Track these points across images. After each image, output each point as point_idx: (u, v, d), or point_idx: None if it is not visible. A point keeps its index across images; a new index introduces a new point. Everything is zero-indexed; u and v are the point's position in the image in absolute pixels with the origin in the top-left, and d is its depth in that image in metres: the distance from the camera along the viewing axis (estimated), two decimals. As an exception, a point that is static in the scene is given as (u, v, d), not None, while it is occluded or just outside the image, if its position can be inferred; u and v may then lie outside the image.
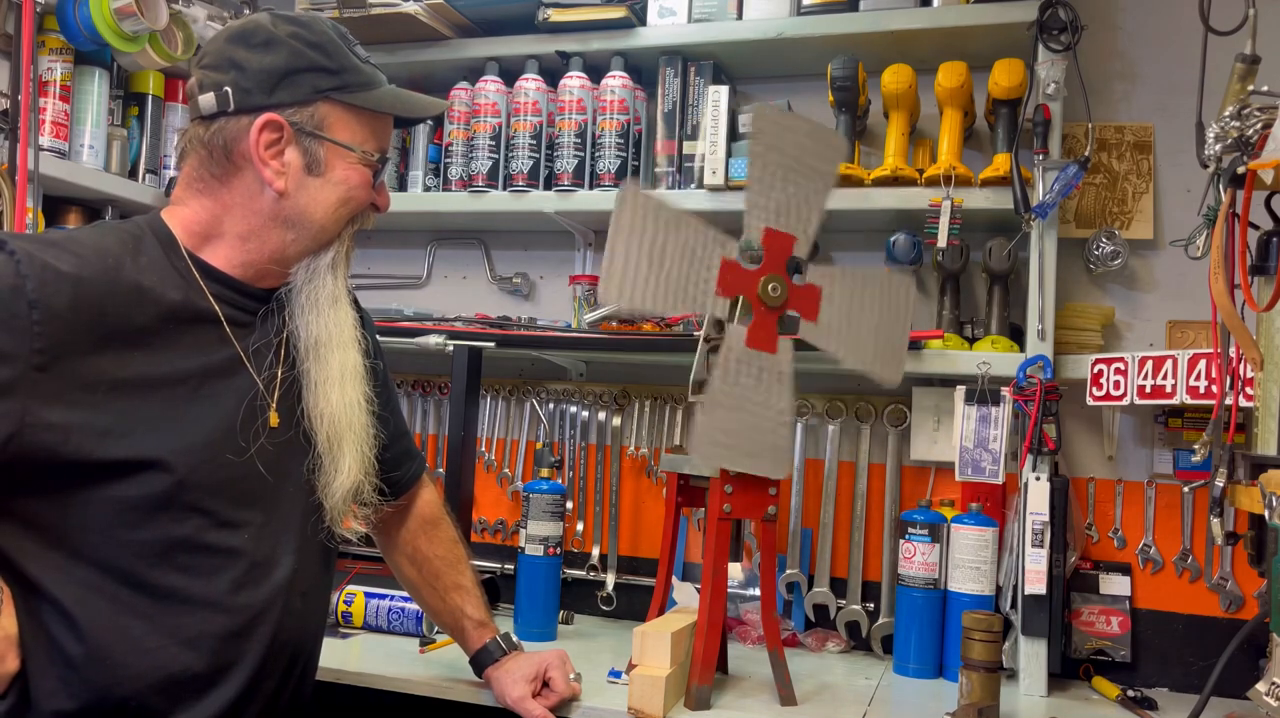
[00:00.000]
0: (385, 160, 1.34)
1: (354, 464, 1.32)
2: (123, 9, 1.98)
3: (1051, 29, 1.88)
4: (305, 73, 1.25)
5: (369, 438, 1.35)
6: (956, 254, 2.04)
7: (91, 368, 1.12)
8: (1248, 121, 1.30)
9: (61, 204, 2.16)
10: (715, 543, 1.61)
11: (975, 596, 1.89)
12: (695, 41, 2.18)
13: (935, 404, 2.09)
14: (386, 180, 1.38)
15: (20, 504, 1.13)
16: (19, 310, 1.07)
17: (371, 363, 1.39)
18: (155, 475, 1.15)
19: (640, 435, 2.33)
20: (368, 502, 1.37)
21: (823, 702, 1.68)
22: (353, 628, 1.98)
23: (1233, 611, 1.92)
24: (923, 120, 2.14)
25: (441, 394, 2.48)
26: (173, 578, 1.17)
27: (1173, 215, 2.04)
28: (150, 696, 1.17)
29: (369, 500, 1.37)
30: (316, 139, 1.26)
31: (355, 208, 1.31)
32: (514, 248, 2.49)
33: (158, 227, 1.25)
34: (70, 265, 1.12)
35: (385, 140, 1.34)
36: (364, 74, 1.30)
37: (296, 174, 1.26)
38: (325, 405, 1.30)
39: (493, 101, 2.29)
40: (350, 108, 1.28)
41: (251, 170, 1.25)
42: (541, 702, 1.53)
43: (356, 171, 1.29)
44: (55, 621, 1.14)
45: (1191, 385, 1.65)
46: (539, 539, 2.02)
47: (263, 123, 1.23)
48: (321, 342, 1.30)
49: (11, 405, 1.07)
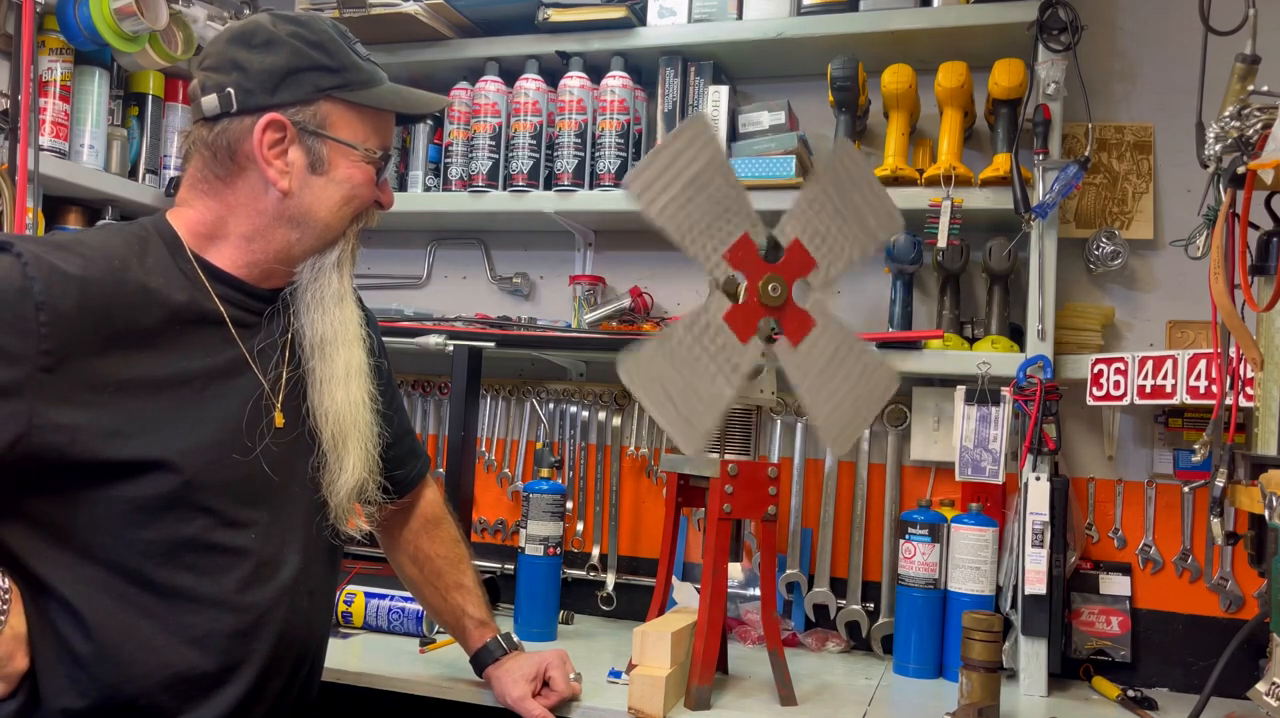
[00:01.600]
0: (388, 158, 1.34)
1: (359, 462, 1.32)
2: (123, 9, 1.98)
3: (1051, 29, 1.88)
4: (307, 72, 1.25)
5: (373, 436, 1.35)
6: (956, 254, 2.04)
7: (98, 369, 1.12)
8: (1248, 121, 1.30)
9: (61, 204, 2.16)
10: (715, 543, 1.61)
11: (975, 596, 1.89)
12: (695, 41, 2.18)
13: (935, 404, 2.09)
14: (389, 179, 1.38)
15: (29, 504, 1.13)
16: (26, 312, 1.08)
17: (376, 361, 1.40)
18: (162, 476, 1.15)
19: (640, 435, 2.33)
20: (372, 500, 1.37)
21: (823, 702, 1.68)
22: (353, 628, 1.98)
23: (1233, 611, 1.93)
24: (923, 120, 2.14)
25: (441, 394, 2.48)
26: (180, 577, 1.18)
27: (1173, 215, 2.04)
28: (158, 694, 1.17)
29: (373, 499, 1.37)
30: (320, 138, 1.26)
31: (359, 206, 1.32)
32: (514, 248, 2.49)
33: (163, 228, 1.26)
34: (77, 267, 1.12)
35: (387, 138, 1.34)
36: (365, 72, 1.30)
37: (300, 173, 1.26)
38: (330, 404, 1.30)
39: (493, 102, 2.29)
40: (352, 106, 1.29)
41: (255, 170, 1.25)
42: (541, 702, 1.53)
43: (360, 169, 1.30)
44: (64, 619, 1.14)
45: (1191, 385, 1.65)
46: (539, 539, 2.02)
47: (266, 123, 1.23)
48: (327, 340, 1.30)
49: (19, 406, 1.07)
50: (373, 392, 1.35)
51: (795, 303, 1.53)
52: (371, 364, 1.37)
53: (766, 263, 1.51)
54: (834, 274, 1.55)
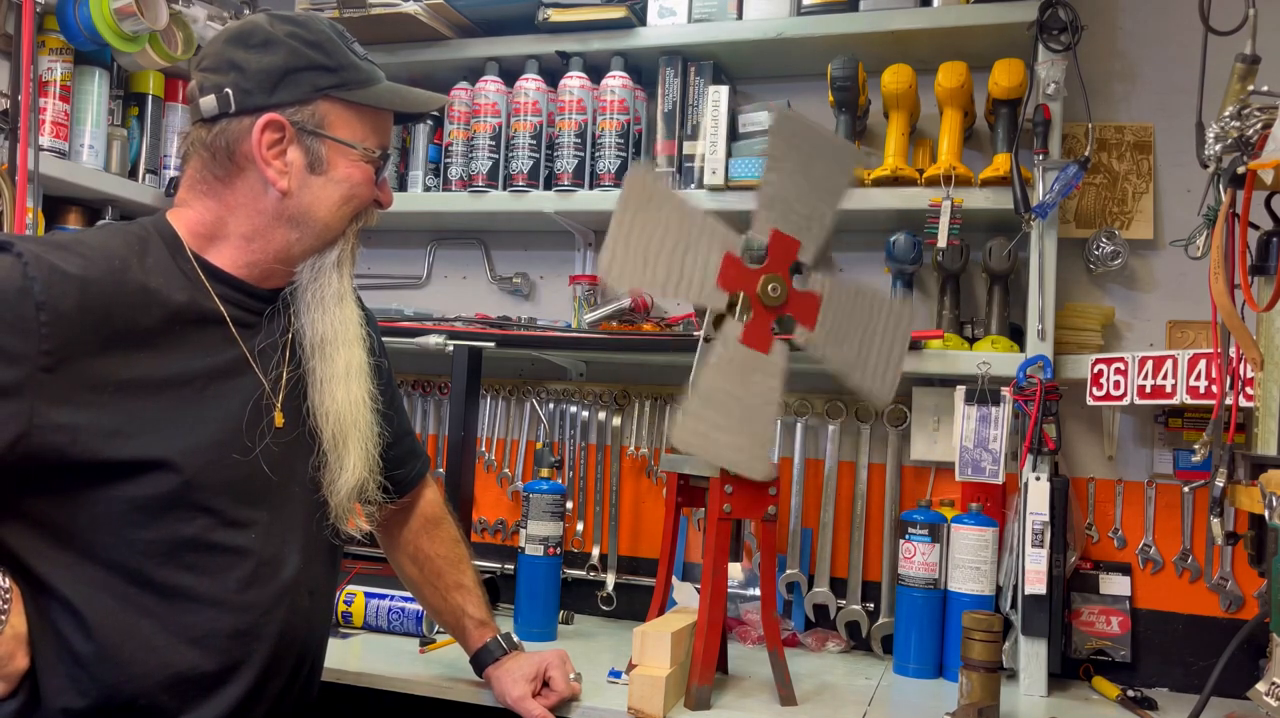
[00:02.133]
0: (387, 157, 1.34)
1: (359, 462, 1.32)
2: (123, 9, 1.98)
3: (1051, 29, 1.88)
4: (305, 71, 1.25)
5: (373, 435, 1.35)
6: (956, 254, 2.04)
7: (98, 369, 1.12)
8: (1248, 121, 1.30)
9: (61, 204, 2.16)
10: (715, 543, 1.61)
11: (975, 596, 1.89)
12: (695, 41, 2.18)
13: (935, 404, 2.09)
14: (388, 179, 1.38)
15: (30, 504, 1.13)
16: (26, 312, 1.08)
17: (376, 361, 1.40)
18: (163, 475, 1.15)
19: (640, 435, 2.33)
20: (372, 499, 1.37)
21: (823, 702, 1.68)
22: (353, 628, 1.98)
23: (1233, 611, 1.93)
24: (923, 120, 2.13)
25: (441, 394, 2.48)
26: (180, 577, 1.18)
27: (1173, 215, 2.04)
28: (159, 694, 1.17)
29: (373, 498, 1.37)
30: (318, 137, 1.26)
31: (359, 205, 1.32)
32: (514, 248, 2.49)
33: (163, 228, 1.26)
34: (77, 267, 1.13)
35: (386, 137, 1.34)
36: (363, 71, 1.30)
37: (299, 173, 1.26)
38: (330, 403, 1.30)
39: (493, 101, 2.29)
40: (350, 105, 1.28)
41: (254, 171, 1.25)
42: (541, 702, 1.53)
43: (359, 169, 1.30)
44: (64, 619, 1.14)
45: (1191, 385, 1.65)
46: (539, 539, 2.02)
47: (264, 123, 1.23)
48: (327, 339, 1.30)
49: (20, 407, 1.07)
50: (373, 391, 1.35)
51: (797, 289, 1.53)
52: (371, 364, 1.37)
53: (757, 268, 1.51)
54: (821, 239, 1.56)
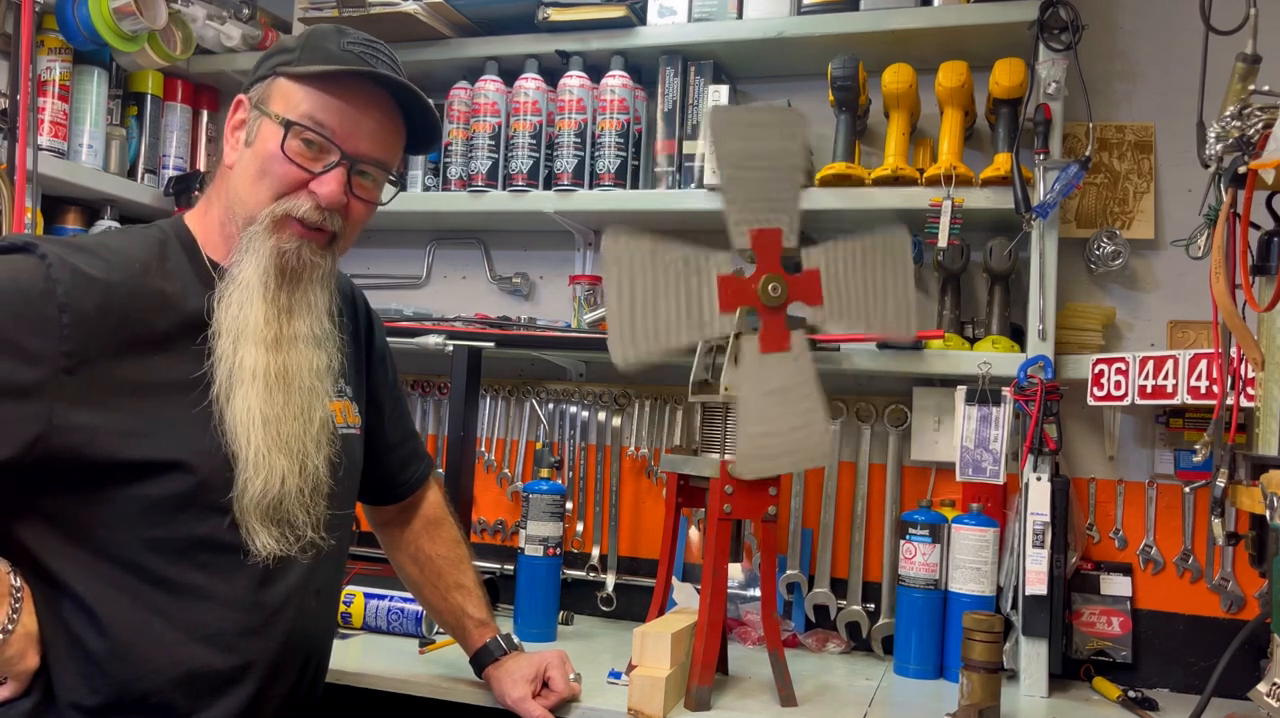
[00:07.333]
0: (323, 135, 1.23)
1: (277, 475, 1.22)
2: (122, 9, 1.98)
3: (1052, 28, 1.88)
4: (274, 55, 1.29)
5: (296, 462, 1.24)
6: (957, 254, 2.04)
7: (116, 371, 1.13)
8: (1248, 121, 1.30)
9: (60, 204, 2.16)
10: (715, 543, 1.61)
11: (976, 596, 1.89)
12: (695, 41, 2.18)
13: (936, 404, 2.09)
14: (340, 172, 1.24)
15: (46, 502, 1.14)
16: (49, 313, 1.09)
17: (377, 359, 1.39)
18: (177, 476, 1.16)
19: (640, 436, 2.33)
20: (293, 519, 1.25)
21: (823, 703, 1.68)
22: (352, 628, 1.98)
23: (1234, 611, 1.92)
24: (923, 120, 2.13)
25: (441, 394, 2.47)
26: (192, 575, 1.19)
27: (1174, 215, 2.03)
28: (171, 691, 1.18)
29: (292, 519, 1.25)
30: (260, 112, 1.26)
31: (275, 185, 1.22)
32: (514, 248, 2.49)
33: (180, 231, 1.28)
34: (99, 270, 1.14)
35: (338, 120, 1.23)
36: (325, 53, 1.25)
37: (239, 147, 1.27)
38: (228, 410, 1.20)
39: (492, 101, 2.29)
40: (297, 80, 1.24)
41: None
42: (541, 702, 1.53)
43: (274, 139, 1.22)
44: (77, 616, 1.15)
45: (1192, 385, 1.65)
46: (539, 540, 2.01)
47: (234, 104, 1.28)
48: (231, 332, 1.21)
49: (40, 407, 1.09)
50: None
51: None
52: (362, 360, 1.36)
53: (750, 276, 1.51)
54: (798, 213, 1.55)
